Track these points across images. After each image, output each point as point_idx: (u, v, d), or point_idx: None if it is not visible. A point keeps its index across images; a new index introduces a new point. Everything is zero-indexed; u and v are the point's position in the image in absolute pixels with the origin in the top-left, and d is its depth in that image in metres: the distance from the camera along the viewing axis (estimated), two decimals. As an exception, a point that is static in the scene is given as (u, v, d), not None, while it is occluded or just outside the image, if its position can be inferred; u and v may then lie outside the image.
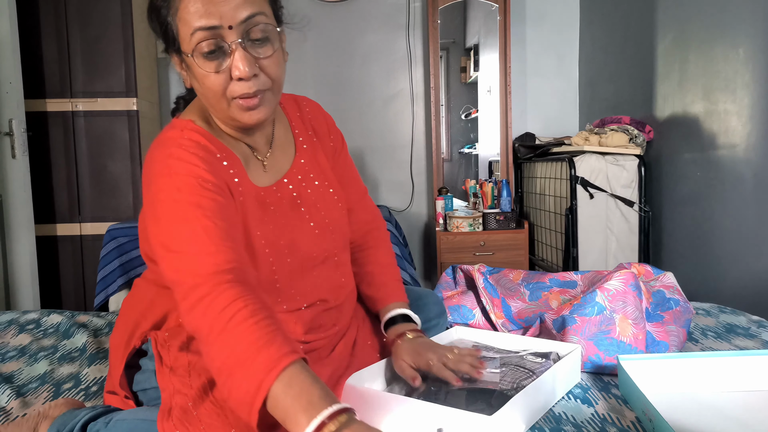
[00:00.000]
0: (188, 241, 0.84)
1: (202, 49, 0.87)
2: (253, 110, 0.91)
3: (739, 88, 2.02)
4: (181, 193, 0.86)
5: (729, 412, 1.01)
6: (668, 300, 1.35)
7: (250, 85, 0.88)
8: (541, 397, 1.01)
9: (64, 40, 2.96)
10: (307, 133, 1.12)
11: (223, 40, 0.87)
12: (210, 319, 0.78)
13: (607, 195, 2.59)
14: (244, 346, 0.75)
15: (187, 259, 0.83)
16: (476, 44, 3.60)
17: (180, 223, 0.85)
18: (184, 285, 0.82)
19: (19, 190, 2.67)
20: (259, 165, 1.02)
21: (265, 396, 0.72)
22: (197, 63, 0.88)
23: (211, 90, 0.89)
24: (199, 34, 0.86)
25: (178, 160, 0.89)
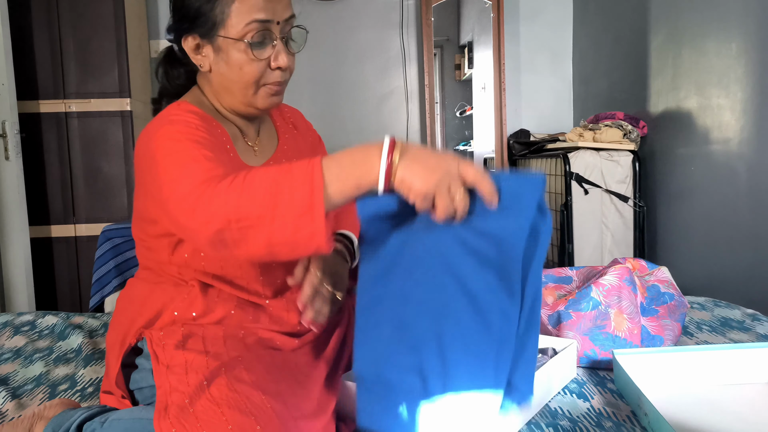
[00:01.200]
0: (187, 161, 0.87)
1: (251, 38, 0.96)
2: (275, 96, 1.03)
3: (732, 82, 2.02)
4: (181, 133, 0.91)
5: (724, 406, 1.01)
6: (663, 294, 1.35)
7: (284, 75, 1.01)
8: (538, 393, 1.01)
9: (56, 41, 2.95)
10: (287, 127, 1.22)
11: (273, 33, 0.97)
12: (221, 198, 0.78)
13: (601, 191, 2.60)
14: (271, 179, 0.78)
15: (184, 173, 0.85)
16: (470, 41, 3.60)
17: (178, 153, 0.88)
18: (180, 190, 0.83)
19: (13, 192, 2.66)
20: (250, 149, 1.10)
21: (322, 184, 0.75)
22: (243, 49, 0.96)
23: (248, 75, 0.98)
24: (254, 24, 0.95)
25: (176, 117, 0.96)
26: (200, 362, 0.91)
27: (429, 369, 0.80)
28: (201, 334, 0.98)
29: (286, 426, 0.81)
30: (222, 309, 1.01)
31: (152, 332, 0.99)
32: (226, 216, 0.78)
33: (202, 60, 1.02)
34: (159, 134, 0.94)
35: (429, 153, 0.78)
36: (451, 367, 0.79)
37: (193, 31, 0.99)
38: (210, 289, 1.02)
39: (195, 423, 0.80)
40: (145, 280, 1.08)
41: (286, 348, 1.04)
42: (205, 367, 0.90)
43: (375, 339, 0.83)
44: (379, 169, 0.77)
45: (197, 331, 0.98)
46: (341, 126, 3.50)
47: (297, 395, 0.88)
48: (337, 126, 3.49)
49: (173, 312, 1.01)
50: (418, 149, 0.78)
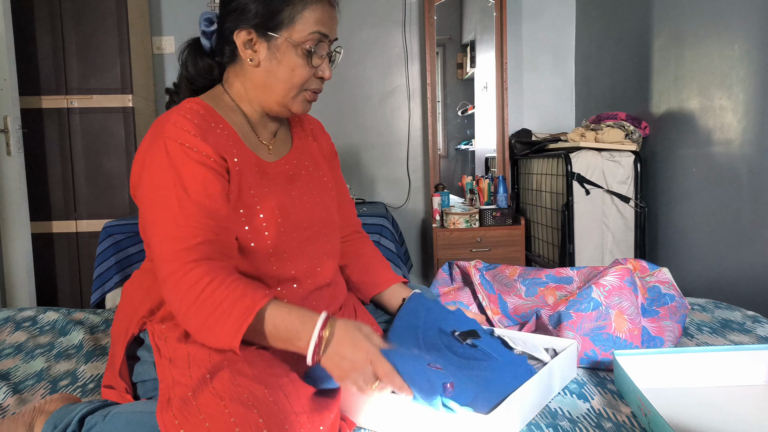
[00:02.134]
0: (163, 209, 0.94)
1: (309, 46, 1.05)
2: (309, 103, 1.12)
3: (734, 84, 2.02)
4: (169, 158, 0.96)
5: (724, 407, 1.02)
6: (664, 295, 1.35)
7: (323, 84, 1.11)
8: (538, 394, 1.01)
9: (59, 37, 2.95)
10: (303, 133, 1.26)
11: (325, 47, 1.08)
12: (180, 294, 0.90)
13: (603, 191, 2.60)
14: (222, 308, 0.88)
15: (160, 230, 0.94)
16: (472, 40, 3.60)
17: (158, 189, 0.95)
18: (157, 257, 0.94)
19: (15, 188, 2.66)
20: (261, 146, 1.13)
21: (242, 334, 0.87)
22: (301, 53, 1.05)
23: (297, 77, 1.06)
24: (317, 35, 1.05)
25: (173, 126, 0.98)
26: (202, 355, 0.92)
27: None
28: None
29: (288, 419, 0.81)
30: None
31: (154, 325, 1.01)
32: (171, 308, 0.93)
33: (252, 54, 1.06)
34: (156, 138, 0.98)
35: (350, 347, 0.90)
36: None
37: (252, 26, 1.04)
38: None
39: (198, 415, 0.80)
40: (149, 271, 1.09)
41: None
42: (208, 361, 0.91)
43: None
44: (307, 354, 0.89)
45: None
46: (343, 124, 3.50)
47: (299, 390, 0.88)
48: (339, 124, 3.49)
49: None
50: (339, 343, 0.90)
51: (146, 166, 0.98)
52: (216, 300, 0.88)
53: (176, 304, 0.90)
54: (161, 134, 0.98)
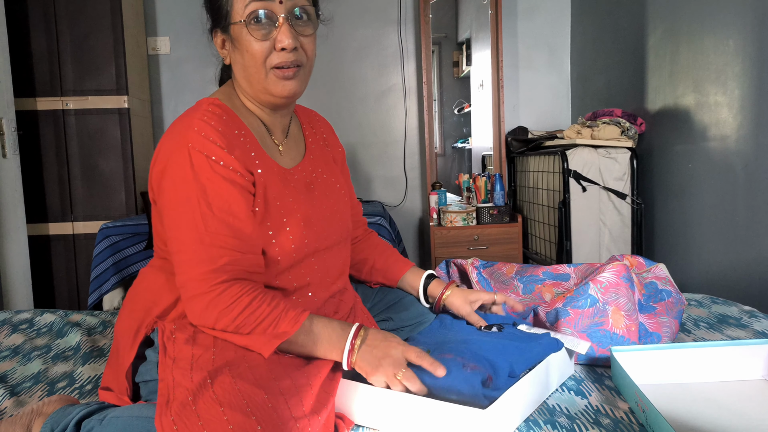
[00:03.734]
0: (188, 227, 0.94)
1: (252, 17, 0.98)
2: (288, 81, 1.03)
3: (729, 79, 2.03)
4: (193, 171, 0.95)
5: (721, 402, 1.02)
6: (660, 291, 1.35)
7: (289, 56, 1.01)
8: (536, 390, 1.01)
9: (53, 38, 2.94)
10: (316, 137, 1.24)
11: (273, 12, 0.99)
12: (218, 312, 0.93)
13: (599, 188, 2.60)
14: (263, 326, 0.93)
15: (186, 248, 0.94)
16: (468, 38, 3.60)
17: (183, 203, 0.95)
18: (183, 275, 0.95)
19: (11, 190, 2.65)
20: (276, 148, 1.12)
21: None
22: (247, 30, 0.99)
23: (254, 57, 1.00)
24: (253, 4, 0.98)
25: (197, 134, 0.96)
26: (206, 359, 0.91)
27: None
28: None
29: (286, 426, 0.81)
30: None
31: (165, 324, 1.00)
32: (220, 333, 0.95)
33: (226, 53, 1.06)
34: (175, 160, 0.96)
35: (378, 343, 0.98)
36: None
37: (217, 26, 1.05)
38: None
39: (196, 421, 0.80)
40: (160, 269, 1.09)
41: None
42: (210, 364, 0.90)
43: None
44: (342, 361, 0.97)
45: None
46: (339, 123, 3.50)
47: (300, 393, 0.88)
48: (335, 123, 3.48)
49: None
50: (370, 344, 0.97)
51: (169, 174, 0.96)
52: (260, 315, 0.93)
53: (211, 321, 0.93)
54: (185, 142, 0.96)
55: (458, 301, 1.25)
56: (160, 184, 0.98)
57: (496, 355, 1.03)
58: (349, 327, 0.98)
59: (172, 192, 0.96)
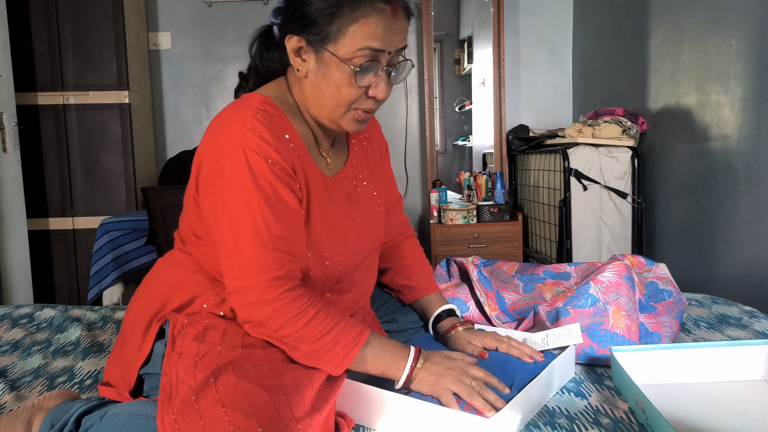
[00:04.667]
0: (247, 230, 0.91)
1: (358, 63, 0.93)
2: (361, 123, 1.01)
3: (731, 79, 2.02)
4: (251, 170, 0.91)
5: (722, 402, 1.02)
6: (661, 291, 1.35)
7: (377, 105, 0.99)
8: (537, 395, 1.01)
9: (54, 33, 2.93)
10: (359, 138, 1.19)
11: (379, 62, 0.94)
12: (287, 319, 0.91)
13: (600, 187, 2.60)
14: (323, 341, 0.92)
15: (244, 252, 0.91)
16: (470, 36, 3.59)
17: (242, 207, 0.91)
18: (238, 280, 0.92)
19: (11, 185, 2.65)
20: (322, 159, 1.08)
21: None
22: (345, 71, 0.94)
23: (343, 97, 0.96)
24: (366, 51, 0.92)
25: (252, 133, 0.92)
26: (211, 356, 0.91)
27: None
28: (223, 327, 0.97)
29: (288, 427, 0.81)
30: None
31: (178, 317, 0.98)
32: (277, 339, 0.93)
33: (301, 64, 0.98)
34: (232, 173, 0.92)
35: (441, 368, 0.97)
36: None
37: (301, 35, 0.95)
38: None
39: (198, 421, 0.80)
40: (181, 263, 1.06)
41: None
42: (215, 363, 0.90)
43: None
44: (401, 377, 0.96)
45: (220, 324, 0.98)
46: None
47: (303, 390, 0.88)
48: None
49: (203, 304, 1.01)
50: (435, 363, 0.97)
51: (225, 175, 0.92)
52: (324, 328, 0.92)
53: (274, 328, 0.92)
54: (240, 141, 0.91)
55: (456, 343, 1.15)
56: (208, 181, 0.94)
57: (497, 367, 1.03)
58: (407, 349, 0.98)
59: (230, 195, 0.91)
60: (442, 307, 1.24)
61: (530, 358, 1.07)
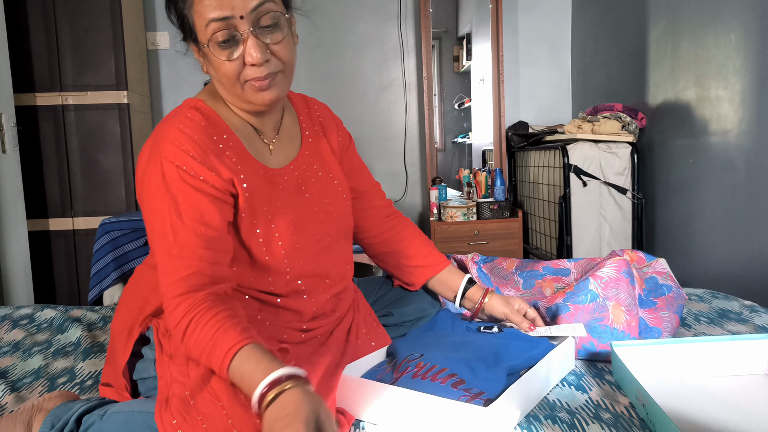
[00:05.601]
0: (159, 237, 0.92)
1: (216, 39, 0.93)
2: (265, 91, 0.98)
3: (730, 74, 2.02)
4: (165, 181, 0.93)
5: (722, 397, 1.02)
6: (661, 286, 1.35)
7: (261, 70, 0.95)
8: (536, 386, 1.01)
9: (52, 33, 2.93)
10: (313, 128, 1.18)
11: (236, 29, 0.93)
12: (171, 327, 0.89)
13: (600, 183, 2.59)
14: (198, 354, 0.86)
15: (158, 260, 0.92)
16: (469, 33, 3.59)
17: (155, 215, 0.93)
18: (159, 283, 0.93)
19: (11, 185, 2.65)
20: (265, 148, 1.07)
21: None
22: (213, 52, 0.94)
23: (226, 76, 0.96)
24: (213, 25, 0.92)
25: (171, 144, 0.94)
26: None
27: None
28: None
29: None
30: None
31: (159, 321, 1.00)
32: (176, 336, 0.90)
33: (202, 63, 1.01)
34: (154, 157, 0.95)
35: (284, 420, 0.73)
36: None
37: (188, 38, 0.99)
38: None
39: (196, 416, 0.80)
40: (155, 269, 1.06)
41: (292, 341, 1.04)
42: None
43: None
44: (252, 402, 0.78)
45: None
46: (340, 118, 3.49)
47: None
48: (335, 118, 3.48)
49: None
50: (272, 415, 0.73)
51: (145, 184, 0.95)
52: (195, 343, 0.86)
53: (173, 333, 0.91)
54: (159, 152, 0.94)
55: (498, 306, 1.22)
56: (140, 191, 0.98)
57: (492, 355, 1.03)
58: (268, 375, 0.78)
59: (147, 204, 0.94)
60: (465, 278, 1.26)
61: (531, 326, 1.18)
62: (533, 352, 1.07)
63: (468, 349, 1.07)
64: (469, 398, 0.92)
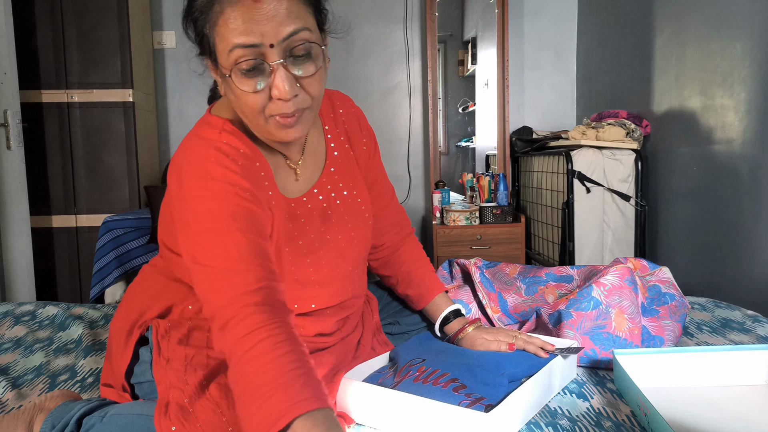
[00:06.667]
0: (218, 256, 0.81)
1: (241, 67, 0.81)
2: (291, 128, 0.88)
3: (736, 83, 2.02)
4: (216, 201, 0.84)
5: (724, 406, 1.02)
6: (664, 295, 1.35)
7: (289, 105, 0.84)
8: (538, 393, 1.01)
9: (59, 31, 2.94)
10: (339, 139, 1.09)
11: (264, 59, 0.81)
12: (231, 343, 0.75)
13: (603, 189, 2.59)
14: (259, 381, 0.71)
15: (216, 276, 0.80)
16: (474, 37, 3.59)
17: (211, 234, 0.82)
18: (212, 304, 0.80)
19: (15, 182, 2.65)
20: (291, 174, 1.00)
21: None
22: (235, 81, 0.83)
23: (249, 107, 0.85)
24: (237, 51, 0.81)
25: (216, 165, 0.86)
26: (200, 359, 0.91)
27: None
28: (207, 327, 0.97)
29: None
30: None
31: (159, 321, 0.99)
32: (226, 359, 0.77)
33: (220, 83, 0.90)
34: (199, 180, 0.85)
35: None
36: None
37: (203, 55, 0.89)
38: None
39: (195, 423, 0.80)
40: (161, 272, 1.05)
41: None
42: (205, 366, 0.90)
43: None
44: None
45: (204, 325, 0.98)
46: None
47: None
48: (339, 120, 3.48)
49: (184, 310, 1.00)
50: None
51: (188, 203, 0.85)
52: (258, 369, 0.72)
53: (227, 354, 0.76)
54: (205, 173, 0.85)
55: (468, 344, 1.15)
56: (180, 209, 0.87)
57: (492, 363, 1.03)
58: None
59: (196, 224, 0.84)
60: (447, 309, 1.19)
61: (544, 353, 1.09)
62: (535, 360, 1.07)
63: (470, 355, 1.07)
64: (470, 403, 0.92)
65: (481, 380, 0.97)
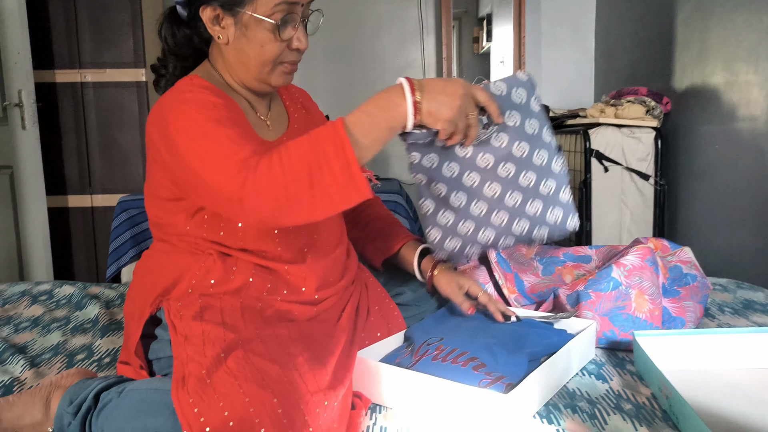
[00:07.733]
0: (214, 151, 0.87)
1: (276, 18, 0.97)
2: (289, 75, 1.06)
3: (762, 58, 1.96)
4: (197, 112, 0.92)
5: (746, 389, 1.00)
6: (685, 275, 1.32)
7: (298, 56, 1.04)
8: (557, 374, 1.00)
9: (71, 11, 2.93)
10: (297, 107, 1.23)
11: (296, 15, 0.99)
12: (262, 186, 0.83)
13: (622, 168, 2.55)
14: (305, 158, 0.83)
15: (211, 165, 0.86)
16: (489, 14, 3.53)
17: (200, 138, 0.89)
18: (214, 186, 0.86)
19: (30, 162, 2.67)
20: (262, 123, 1.11)
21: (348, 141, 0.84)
22: (267, 28, 0.97)
23: (268, 53, 1.00)
24: (283, 6, 0.96)
25: (191, 92, 0.96)
26: (217, 334, 0.91)
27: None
28: (219, 305, 0.98)
29: (303, 399, 0.80)
30: (240, 277, 1.01)
31: (170, 302, 1.00)
32: (276, 201, 0.83)
33: (220, 32, 1.01)
34: (175, 114, 0.93)
35: (443, 82, 0.91)
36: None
37: (215, 2, 0.98)
38: (228, 258, 1.03)
39: (212, 395, 0.80)
40: (160, 251, 1.09)
41: (302, 318, 1.04)
42: (222, 339, 0.90)
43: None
44: (407, 107, 0.89)
45: (215, 303, 0.99)
46: (357, 99, 3.44)
47: (314, 369, 0.88)
48: (353, 99, 3.44)
49: (191, 280, 1.01)
50: (432, 82, 0.90)
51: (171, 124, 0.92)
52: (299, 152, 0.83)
53: (271, 195, 0.83)
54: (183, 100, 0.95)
55: (443, 280, 1.20)
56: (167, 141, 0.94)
57: (512, 341, 1.02)
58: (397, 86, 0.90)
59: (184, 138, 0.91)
60: (420, 248, 1.24)
61: (501, 317, 1.14)
62: (553, 339, 1.06)
63: (488, 334, 1.06)
64: (490, 382, 0.91)
65: (501, 360, 0.96)
